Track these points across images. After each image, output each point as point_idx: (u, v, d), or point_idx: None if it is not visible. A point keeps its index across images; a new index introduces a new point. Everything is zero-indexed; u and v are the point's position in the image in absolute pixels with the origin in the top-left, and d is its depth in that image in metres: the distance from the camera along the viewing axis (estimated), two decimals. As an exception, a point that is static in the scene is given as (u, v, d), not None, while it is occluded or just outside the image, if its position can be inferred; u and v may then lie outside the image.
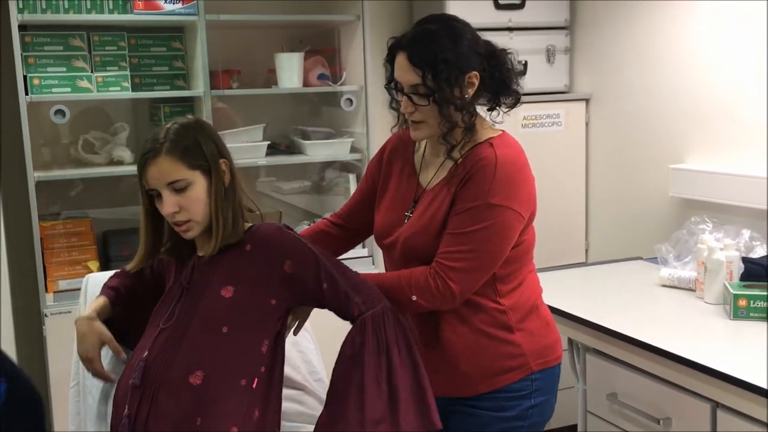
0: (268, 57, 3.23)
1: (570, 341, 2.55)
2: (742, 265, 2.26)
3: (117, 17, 2.94)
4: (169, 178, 1.65)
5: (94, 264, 2.98)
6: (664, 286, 2.46)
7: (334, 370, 1.69)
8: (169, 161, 1.65)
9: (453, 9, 3.18)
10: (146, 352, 1.67)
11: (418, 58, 1.66)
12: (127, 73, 3.03)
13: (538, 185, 3.46)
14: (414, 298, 1.68)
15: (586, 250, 3.48)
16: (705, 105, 2.81)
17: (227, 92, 3.11)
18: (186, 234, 1.70)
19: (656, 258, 2.60)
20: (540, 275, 2.66)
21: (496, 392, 1.76)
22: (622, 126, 3.23)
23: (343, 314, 1.72)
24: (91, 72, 2.97)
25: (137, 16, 2.93)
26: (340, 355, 1.69)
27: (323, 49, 3.38)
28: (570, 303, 2.32)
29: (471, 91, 1.71)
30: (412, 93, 1.69)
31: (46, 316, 2.82)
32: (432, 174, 1.81)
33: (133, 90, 3.04)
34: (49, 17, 2.85)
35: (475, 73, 1.70)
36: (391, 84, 1.75)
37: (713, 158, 2.79)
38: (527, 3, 3.31)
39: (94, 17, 2.91)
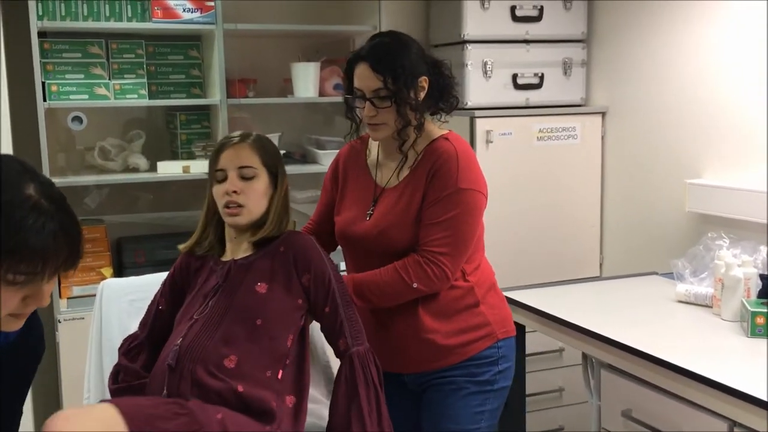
0: (284, 66, 3.24)
1: (584, 356, 2.53)
2: (759, 282, 2.23)
3: (135, 25, 2.95)
4: (243, 162, 1.84)
5: (107, 270, 2.99)
6: (680, 302, 2.43)
7: (331, 404, 1.84)
8: (248, 149, 1.86)
9: (470, 22, 3.20)
10: (180, 339, 1.76)
11: (379, 65, 1.88)
12: (145, 80, 3.04)
13: (552, 198, 3.47)
14: (415, 285, 1.90)
15: (601, 264, 3.46)
16: (722, 119, 2.79)
17: (243, 101, 3.12)
18: (234, 218, 1.84)
19: (672, 273, 2.58)
20: (554, 289, 2.71)
21: (467, 360, 1.99)
22: (638, 140, 3.21)
23: (330, 339, 1.89)
24: (109, 79, 2.99)
25: (155, 24, 2.95)
26: (336, 390, 1.83)
27: (339, 59, 3.38)
28: (584, 317, 2.30)
29: (422, 95, 1.94)
30: (374, 97, 1.90)
31: (59, 322, 2.82)
32: (389, 174, 2.02)
33: (149, 98, 3.06)
34: (68, 24, 2.87)
35: (425, 77, 1.94)
36: (349, 95, 1.98)
37: (731, 173, 2.77)
38: (544, 15, 3.31)
39: (112, 25, 2.93)
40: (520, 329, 2.62)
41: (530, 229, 3.30)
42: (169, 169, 3.08)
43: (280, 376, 1.77)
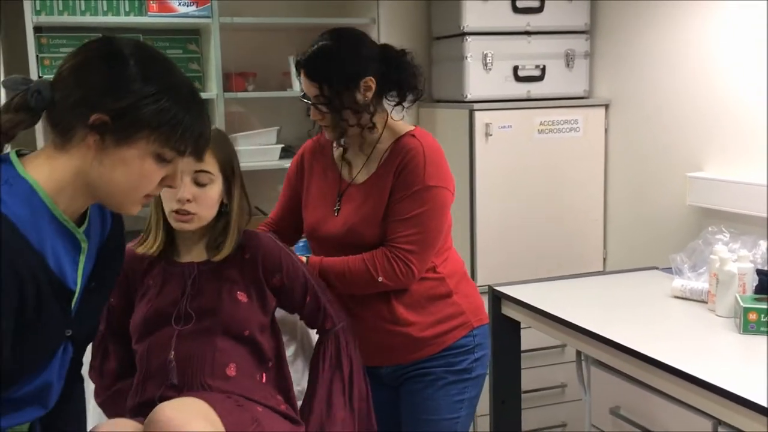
0: (284, 60, 3.22)
1: (578, 352, 2.50)
2: (756, 278, 2.18)
3: (132, 19, 2.96)
4: (200, 166, 1.71)
5: (105, 264, 3.00)
6: (677, 297, 2.38)
7: (317, 374, 1.87)
8: (208, 151, 1.65)
9: (470, 12, 3.16)
10: (172, 353, 1.72)
11: (314, 73, 1.89)
12: (143, 75, 3.04)
13: (554, 192, 3.42)
14: (380, 279, 1.91)
15: (604, 259, 3.41)
16: (725, 112, 2.74)
17: (240, 95, 3.11)
18: (183, 225, 1.75)
19: (671, 268, 2.53)
20: (556, 283, 2.67)
21: (445, 350, 2.02)
22: (641, 132, 3.16)
23: (314, 324, 1.91)
24: (107, 74, 2.99)
25: (151, 18, 2.94)
26: (321, 360, 1.87)
27: (340, 52, 3.36)
28: (578, 313, 2.26)
29: (369, 95, 1.92)
30: (316, 103, 1.91)
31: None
32: (357, 170, 2.02)
33: (148, 92, 3.05)
34: (65, 19, 2.88)
35: (371, 77, 1.90)
36: (304, 96, 1.97)
37: (732, 167, 2.71)
38: (546, 6, 3.25)
39: (109, 19, 2.93)
40: (515, 325, 2.60)
41: (532, 224, 3.26)
42: (167, 163, 3.07)
43: (264, 380, 1.80)
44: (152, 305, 1.79)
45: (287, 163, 3.20)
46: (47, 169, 1.25)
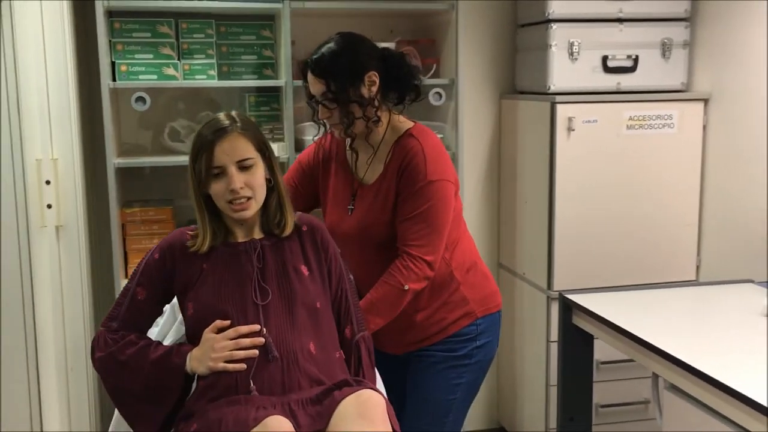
0: (358, 47, 3.09)
1: (654, 373, 2.28)
2: None
3: (203, 4, 2.89)
4: (242, 155, 1.78)
5: (171, 253, 2.96)
6: (772, 317, 2.14)
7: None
8: (242, 139, 1.79)
9: (557, -2, 2.94)
10: (263, 329, 1.74)
11: (320, 70, 2.03)
12: (214, 61, 2.98)
13: (643, 193, 3.14)
14: (406, 287, 2.01)
15: (698, 267, 3.13)
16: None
17: (310, 82, 2.99)
18: (243, 213, 1.78)
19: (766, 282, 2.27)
20: (636, 293, 2.46)
21: (448, 338, 2.14)
22: (743, 130, 2.87)
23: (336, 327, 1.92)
24: (178, 59, 2.95)
25: (221, 3, 2.87)
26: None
27: (418, 39, 3.21)
28: (656, 330, 2.07)
29: (374, 89, 2.05)
30: (323, 100, 2.04)
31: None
32: (364, 171, 2.14)
33: (219, 78, 3.00)
34: (137, 3, 2.84)
35: (374, 72, 2.04)
36: (311, 99, 2.10)
37: None
38: (641, -9, 3.00)
39: (182, 3, 2.87)
40: (587, 337, 2.40)
41: (617, 227, 3.03)
42: (236, 151, 3.00)
43: (338, 355, 1.84)
44: (219, 285, 1.78)
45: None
46: None
